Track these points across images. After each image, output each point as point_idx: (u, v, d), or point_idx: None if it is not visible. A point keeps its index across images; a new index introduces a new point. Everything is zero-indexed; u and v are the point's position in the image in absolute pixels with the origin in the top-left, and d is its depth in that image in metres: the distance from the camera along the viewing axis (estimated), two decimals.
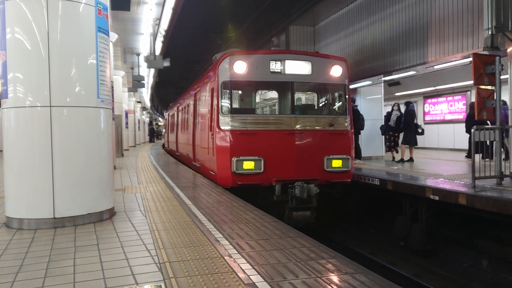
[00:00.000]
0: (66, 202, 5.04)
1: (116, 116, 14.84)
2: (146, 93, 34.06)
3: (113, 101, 6.46)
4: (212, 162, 8.96)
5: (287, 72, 8.63)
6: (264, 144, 8.29)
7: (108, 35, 5.53)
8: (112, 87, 6.28)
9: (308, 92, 10.30)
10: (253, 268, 3.42)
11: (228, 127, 8.34)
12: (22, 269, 3.54)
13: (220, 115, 8.46)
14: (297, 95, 9.80)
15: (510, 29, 8.44)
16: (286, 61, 8.64)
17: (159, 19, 12.68)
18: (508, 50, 8.30)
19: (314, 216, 8.44)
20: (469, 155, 12.79)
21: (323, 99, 9.96)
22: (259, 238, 4.35)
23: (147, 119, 56.47)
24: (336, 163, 8.65)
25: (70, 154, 5.06)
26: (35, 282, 3.21)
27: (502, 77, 8.00)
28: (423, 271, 7.75)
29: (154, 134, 48.51)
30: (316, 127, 8.74)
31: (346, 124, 8.96)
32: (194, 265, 3.50)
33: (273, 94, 11.04)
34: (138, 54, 17.87)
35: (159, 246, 4.08)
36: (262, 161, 8.14)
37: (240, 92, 10.28)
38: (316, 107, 10.14)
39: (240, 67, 8.41)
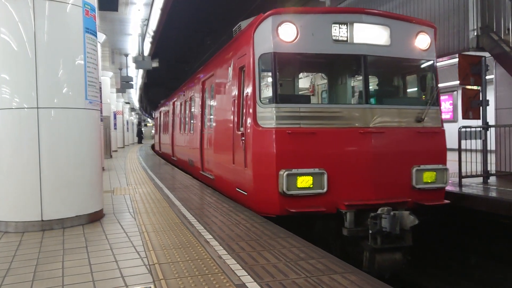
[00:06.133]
0: (54, 204, 4.99)
1: (104, 117, 14.73)
2: (134, 94, 33.86)
3: (101, 102, 6.42)
4: (241, 176, 6.38)
5: (356, 41, 5.98)
6: (327, 150, 5.70)
7: (96, 36, 5.49)
8: (100, 88, 6.24)
9: (385, 72, 7.17)
10: (243, 268, 3.42)
11: (272, 124, 5.65)
12: (9, 272, 3.50)
13: (257, 106, 5.86)
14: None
15: (495, 30, 8.58)
16: (355, 25, 5.99)
17: (148, 19, 12.62)
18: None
19: (407, 260, 5.71)
20: None
21: (406, 82, 7.23)
22: (249, 239, 4.36)
23: (136, 120, 56.11)
24: (429, 177, 6.10)
25: (57, 156, 5.01)
26: (23, 286, 3.18)
27: (487, 77, 8.13)
28: (412, 270, 7.83)
29: (142, 135, 48.31)
30: (401, 124, 6.12)
31: (438, 120, 6.42)
32: (184, 266, 3.50)
33: (335, 74, 7.33)
34: (126, 55, 17.77)
35: (149, 248, 4.07)
36: (325, 176, 5.53)
37: (288, 70, 7.28)
38: (397, 94, 7.16)
39: (289, 33, 5.79)
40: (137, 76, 24.37)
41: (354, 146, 5.76)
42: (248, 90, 6.10)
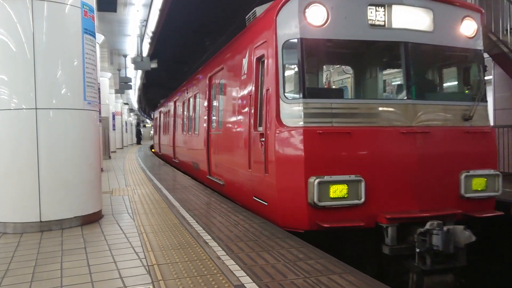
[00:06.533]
0: (53, 205, 4.99)
1: (103, 118, 14.73)
2: (133, 95, 33.86)
3: (99, 103, 6.42)
4: (259, 183, 5.61)
5: (395, 25, 5.19)
6: (363, 153, 4.93)
7: (94, 37, 5.49)
8: (99, 89, 6.24)
9: (427, 62, 6.12)
10: (242, 269, 3.42)
11: (300, 123, 4.88)
12: (8, 273, 3.49)
13: (281, 102, 5.08)
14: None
15: (493, 31, 8.59)
16: (394, 7, 5.19)
17: (146, 20, 12.63)
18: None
19: (460, 283, 4.97)
20: None
21: (450, 74, 6.36)
22: (248, 240, 4.36)
23: (135, 121, 56.10)
24: (479, 184, 5.29)
25: (56, 157, 5.01)
26: (22, 287, 3.18)
27: (486, 78, 8.15)
28: None
29: (140, 136, 48.41)
30: (447, 122, 5.34)
31: (487, 118, 5.67)
32: (183, 267, 3.50)
33: (370, 64, 6.44)
34: (125, 56, 17.78)
35: (148, 249, 4.06)
36: (362, 184, 4.74)
37: (317, 59, 6.41)
38: (441, 88, 6.33)
39: (318, 15, 4.98)
40: (135, 77, 24.38)
41: (395, 148, 4.96)
42: (270, 83, 5.29)
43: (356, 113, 5.03)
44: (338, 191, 4.69)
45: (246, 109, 6.16)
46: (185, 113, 12.76)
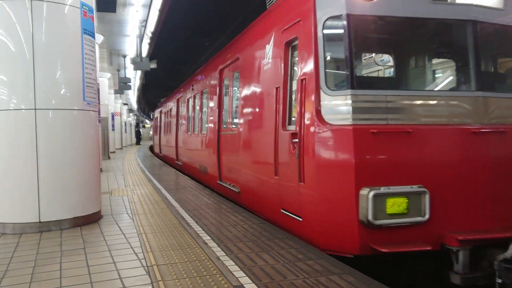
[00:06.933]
0: (52, 206, 4.98)
1: (102, 118, 14.72)
2: (133, 95, 33.88)
3: (99, 103, 6.42)
4: (291, 194, 4.64)
5: (460, 0, 4.27)
6: (427, 158, 3.99)
7: (93, 37, 5.49)
8: (98, 89, 6.25)
9: (497, 46, 5.03)
10: (241, 270, 3.43)
11: (347, 120, 3.95)
12: (7, 274, 3.49)
13: (323, 94, 4.13)
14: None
15: None
16: None
17: (146, 20, 12.64)
18: None
19: None
20: None
21: None
22: (247, 240, 4.36)
23: (134, 122, 56.10)
24: None
25: (55, 157, 5.01)
26: (21, 287, 3.18)
27: None
28: None
29: (140, 136, 48.41)
30: None
31: None
32: (182, 267, 3.50)
33: (429, 47, 5.31)
34: (124, 56, 17.80)
35: (147, 249, 4.06)
36: (427, 197, 3.84)
37: (366, 41, 4.98)
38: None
39: None
40: (135, 77, 24.39)
41: (466, 151, 4.04)
42: (306, 72, 4.33)
43: (416, 107, 4.09)
44: (396, 205, 3.80)
45: (271, 104, 5.26)
46: (190, 111, 11.81)
